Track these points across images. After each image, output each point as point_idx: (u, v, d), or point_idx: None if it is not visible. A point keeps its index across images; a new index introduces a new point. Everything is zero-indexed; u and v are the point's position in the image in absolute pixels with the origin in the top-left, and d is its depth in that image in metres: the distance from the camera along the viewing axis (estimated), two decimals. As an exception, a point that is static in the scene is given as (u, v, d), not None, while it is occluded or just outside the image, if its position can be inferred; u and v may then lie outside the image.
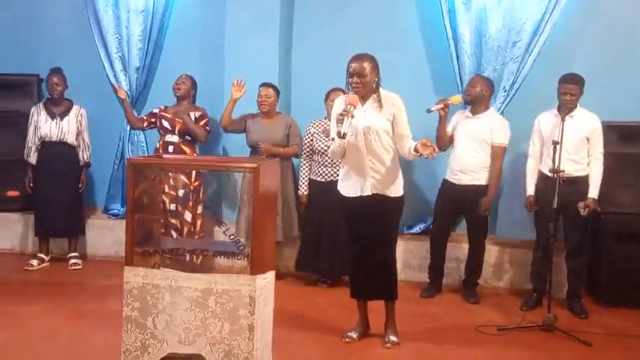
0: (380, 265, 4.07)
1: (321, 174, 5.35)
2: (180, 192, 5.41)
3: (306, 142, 5.43)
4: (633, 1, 5.55)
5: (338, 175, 4.25)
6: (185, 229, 5.45)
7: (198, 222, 5.56)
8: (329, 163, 5.27)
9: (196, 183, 5.54)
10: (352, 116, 3.69)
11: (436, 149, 3.80)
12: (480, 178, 5.06)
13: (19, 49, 6.48)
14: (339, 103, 3.96)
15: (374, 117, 3.91)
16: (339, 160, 4.15)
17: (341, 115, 3.69)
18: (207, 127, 5.67)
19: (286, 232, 5.44)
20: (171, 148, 5.55)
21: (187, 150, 5.60)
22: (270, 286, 3.09)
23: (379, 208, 3.96)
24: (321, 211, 5.29)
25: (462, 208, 5.21)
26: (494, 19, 5.53)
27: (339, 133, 3.67)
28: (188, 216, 5.48)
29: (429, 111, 4.52)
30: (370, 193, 3.95)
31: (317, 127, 5.39)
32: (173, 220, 5.38)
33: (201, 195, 5.59)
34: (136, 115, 5.94)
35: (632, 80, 5.50)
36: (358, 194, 3.98)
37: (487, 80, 5.22)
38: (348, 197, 4.03)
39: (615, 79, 5.48)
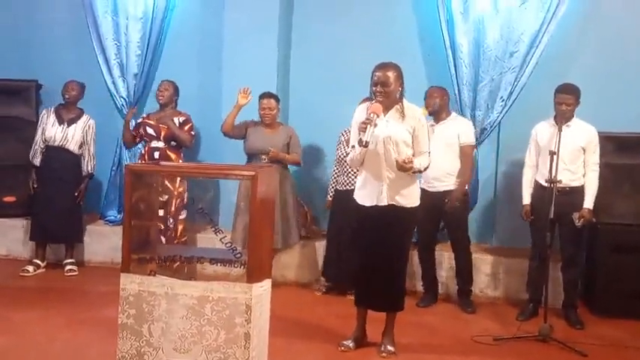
0: (390, 275, 4.05)
1: (341, 182, 5.34)
2: (164, 197, 5.40)
3: (338, 149, 5.41)
4: (630, 13, 5.58)
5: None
6: (167, 235, 5.45)
7: (180, 227, 5.56)
8: (346, 172, 5.25)
9: (180, 189, 5.54)
10: (375, 125, 3.70)
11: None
12: (455, 183, 5.12)
13: (18, 55, 6.50)
14: (360, 111, 3.97)
15: (395, 127, 3.91)
16: (357, 169, 4.14)
17: (364, 123, 3.70)
18: (192, 132, 5.68)
19: (284, 240, 5.43)
20: (157, 154, 5.54)
21: (173, 156, 5.59)
22: (266, 294, 3.09)
23: (394, 218, 3.94)
24: (341, 220, 5.27)
25: (441, 215, 5.21)
26: (491, 30, 5.56)
27: (360, 141, 3.67)
28: (170, 221, 5.48)
29: None
30: (386, 204, 3.93)
31: (345, 136, 5.36)
32: (161, 225, 5.37)
33: (184, 200, 5.58)
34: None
35: (629, 91, 5.52)
36: (374, 204, 3.96)
37: (442, 89, 5.28)
38: (364, 206, 4.01)
39: (612, 90, 5.50)
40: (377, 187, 3.95)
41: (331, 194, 5.50)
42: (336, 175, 5.45)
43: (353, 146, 3.92)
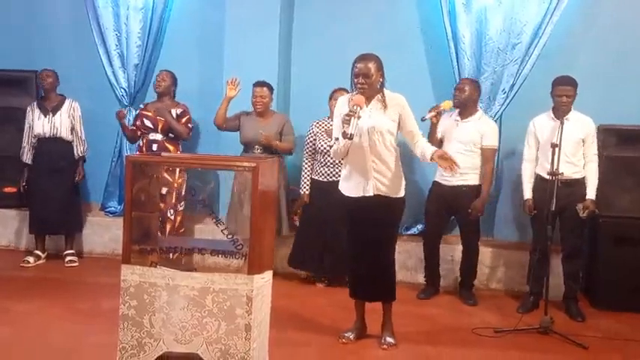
0: (379, 266, 4.06)
1: (322, 174, 5.34)
2: (164, 190, 5.39)
3: (308, 141, 5.42)
4: (633, 5, 5.55)
5: (339, 176, 4.23)
6: (168, 227, 5.45)
7: (178, 219, 5.56)
8: (331, 163, 5.26)
9: (179, 181, 5.53)
10: (359, 117, 3.70)
11: (457, 165, 3.81)
12: (470, 179, 5.08)
13: (18, 46, 6.47)
14: (342, 103, 3.95)
15: (378, 117, 3.91)
16: (341, 160, 4.14)
17: (347, 115, 3.69)
18: (190, 125, 5.65)
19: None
20: (155, 147, 5.53)
21: (171, 147, 5.59)
22: (267, 285, 3.08)
23: (380, 208, 3.95)
24: (321, 211, 5.27)
25: (453, 209, 5.21)
26: (494, 21, 5.53)
27: (344, 133, 3.67)
28: (171, 213, 5.48)
29: (423, 119, 4.67)
30: (372, 194, 3.93)
31: (320, 127, 5.38)
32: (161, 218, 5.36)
33: (183, 192, 5.57)
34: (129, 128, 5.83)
35: (632, 84, 5.50)
36: (360, 194, 3.96)
37: (475, 82, 5.23)
38: (350, 197, 4.01)
39: (615, 83, 5.49)
40: (362, 179, 3.95)
41: (307, 187, 5.43)
42: (309, 167, 5.43)
43: (337, 138, 3.91)
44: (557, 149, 4.41)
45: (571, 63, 5.41)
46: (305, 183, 5.47)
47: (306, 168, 5.47)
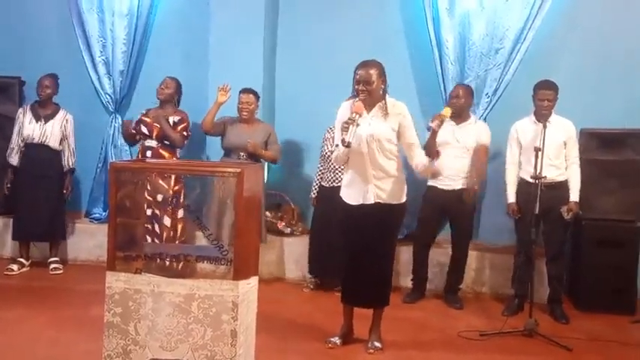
0: (379, 273, 4.06)
1: (326, 179, 5.34)
2: (159, 197, 5.34)
3: (324, 146, 5.41)
4: (614, 10, 5.62)
5: (341, 181, 4.23)
6: (164, 234, 5.40)
7: (179, 226, 5.50)
8: (333, 169, 5.25)
9: (176, 187, 5.46)
10: (357, 124, 3.71)
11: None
12: (467, 181, 5.15)
13: (2, 53, 6.41)
14: (344, 109, 3.96)
15: (379, 125, 3.90)
16: (342, 167, 4.14)
17: (346, 123, 3.70)
18: (185, 133, 5.54)
19: None
20: (149, 153, 5.45)
21: (166, 154, 5.49)
22: (253, 291, 3.09)
23: (381, 216, 3.94)
24: (326, 216, 5.27)
25: (449, 213, 5.24)
26: (477, 26, 5.59)
27: (343, 141, 3.68)
28: (167, 221, 5.42)
29: (429, 128, 4.62)
30: (373, 202, 3.93)
31: (331, 133, 5.35)
32: (149, 226, 5.29)
33: (181, 199, 5.52)
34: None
35: (614, 88, 5.56)
36: (360, 202, 3.96)
37: (469, 89, 5.29)
38: (351, 205, 4.01)
39: (597, 87, 5.54)
40: (363, 186, 3.95)
41: (315, 191, 5.50)
42: (321, 172, 5.45)
43: (337, 145, 3.92)
44: (539, 153, 4.46)
45: (553, 67, 5.46)
46: (315, 187, 5.51)
47: (318, 173, 5.50)
